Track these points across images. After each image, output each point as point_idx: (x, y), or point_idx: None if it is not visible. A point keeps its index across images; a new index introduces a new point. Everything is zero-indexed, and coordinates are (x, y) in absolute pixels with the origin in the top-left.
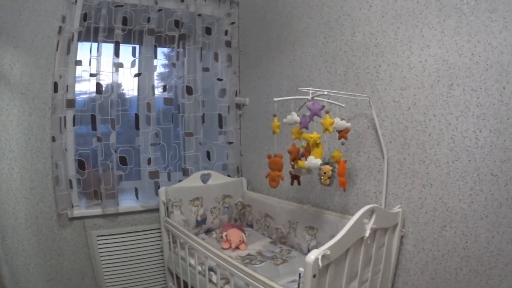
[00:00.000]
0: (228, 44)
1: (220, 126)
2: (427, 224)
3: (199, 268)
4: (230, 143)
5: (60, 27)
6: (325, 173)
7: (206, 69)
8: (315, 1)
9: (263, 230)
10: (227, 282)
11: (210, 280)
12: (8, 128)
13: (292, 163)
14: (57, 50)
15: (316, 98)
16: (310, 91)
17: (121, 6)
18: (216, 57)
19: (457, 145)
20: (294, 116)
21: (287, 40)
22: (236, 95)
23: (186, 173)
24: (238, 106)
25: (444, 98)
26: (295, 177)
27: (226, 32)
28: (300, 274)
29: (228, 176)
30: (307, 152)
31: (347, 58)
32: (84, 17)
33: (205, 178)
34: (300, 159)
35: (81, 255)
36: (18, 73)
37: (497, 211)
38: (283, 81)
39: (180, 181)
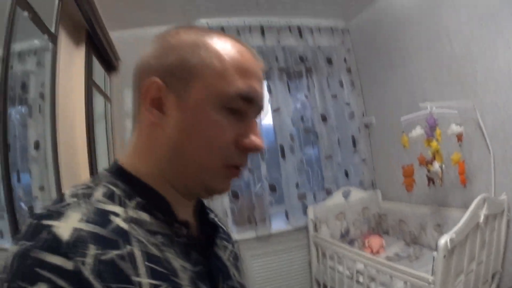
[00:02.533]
0: (348, 70)
1: (354, 146)
2: None
3: (347, 272)
4: (363, 160)
5: None
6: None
7: (334, 96)
8: (415, 18)
9: (397, 234)
10: (372, 280)
11: (357, 281)
12: None
13: (426, 168)
14: None
15: (431, 111)
16: (428, 106)
17: None
18: (341, 84)
19: None
20: (418, 130)
21: (397, 59)
22: (363, 116)
23: (328, 192)
24: (366, 125)
25: None
26: (430, 179)
27: (345, 59)
28: (433, 257)
29: (365, 190)
30: (433, 158)
31: (449, 68)
32: None
33: (346, 194)
34: (431, 164)
35: None
36: None
37: None
38: (401, 96)
39: (323, 199)
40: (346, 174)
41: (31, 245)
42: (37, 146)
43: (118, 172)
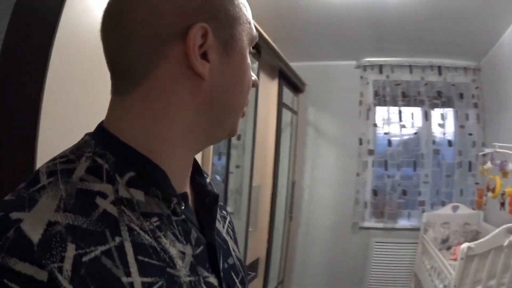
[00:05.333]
0: (475, 105)
1: (469, 170)
2: None
3: (428, 266)
4: (476, 183)
5: (360, 100)
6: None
7: (461, 126)
8: None
9: None
10: (439, 275)
11: (429, 275)
12: (326, 165)
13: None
14: (359, 116)
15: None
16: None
17: (399, 84)
18: (467, 117)
19: None
20: (489, 164)
21: None
22: (482, 146)
23: (443, 204)
24: (484, 155)
25: None
26: (501, 203)
27: (473, 95)
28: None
29: (473, 209)
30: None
31: None
32: (375, 93)
33: (455, 209)
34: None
35: (360, 255)
36: (333, 131)
37: None
38: None
39: (437, 209)
40: (461, 192)
41: None
42: (238, 137)
43: (106, 140)
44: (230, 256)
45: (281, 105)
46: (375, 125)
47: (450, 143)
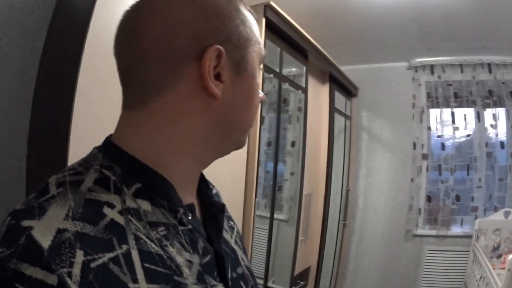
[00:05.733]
0: None
1: None
2: None
3: (477, 276)
4: None
5: (413, 103)
6: None
7: None
8: None
9: None
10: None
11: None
12: (380, 171)
13: None
14: (413, 119)
15: None
16: None
17: (451, 84)
18: None
19: None
20: None
21: None
22: None
23: (495, 209)
24: None
25: None
26: None
27: None
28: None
29: None
30: None
31: None
32: (428, 95)
33: (507, 215)
34: None
35: (412, 262)
36: (387, 135)
37: None
38: None
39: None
40: None
41: (10, 253)
42: (293, 144)
43: (113, 153)
44: (239, 265)
45: (333, 110)
46: (429, 128)
47: (502, 144)
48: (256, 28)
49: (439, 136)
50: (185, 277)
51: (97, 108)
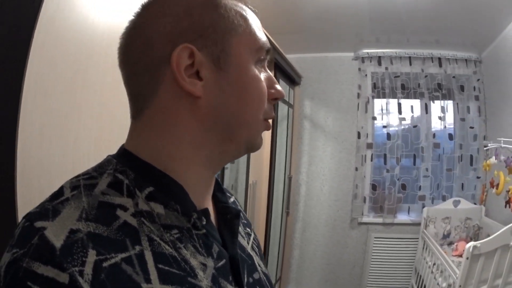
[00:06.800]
0: (476, 98)
1: (471, 164)
2: None
3: (429, 263)
4: (478, 177)
5: (358, 93)
6: None
7: (462, 119)
8: None
9: None
10: (442, 273)
11: (431, 272)
12: (323, 160)
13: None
14: (358, 109)
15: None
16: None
17: (398, 76)
18: (468, 109)
19: None
20: (493, 160)
21: None
22: (484, 139)
23: (444, 198)
24: (485, 147)
25: None
26: (506, 202)
27: (474, 88)
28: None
29: (474, 204)
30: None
31: None
32: (374, 85)
33: (456, 204)
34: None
35: (359, 250)
36: (331, 124)
37: None
38: None
39: (437, 204)
40: (462, 187)
41: (23, 253)
42: None
43: (126, 158)
44: (256, 271)
45: None
46: (374, 118)
47: (450, 136)
48: (246, 19)
49: (384, 126)
50: (200, 279)
51: (49, 99)
